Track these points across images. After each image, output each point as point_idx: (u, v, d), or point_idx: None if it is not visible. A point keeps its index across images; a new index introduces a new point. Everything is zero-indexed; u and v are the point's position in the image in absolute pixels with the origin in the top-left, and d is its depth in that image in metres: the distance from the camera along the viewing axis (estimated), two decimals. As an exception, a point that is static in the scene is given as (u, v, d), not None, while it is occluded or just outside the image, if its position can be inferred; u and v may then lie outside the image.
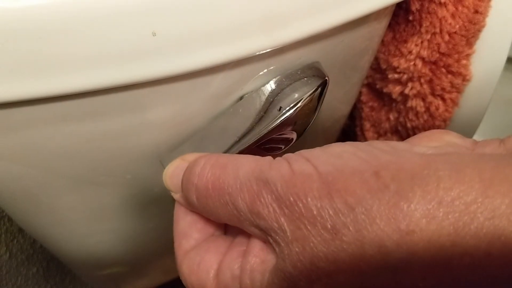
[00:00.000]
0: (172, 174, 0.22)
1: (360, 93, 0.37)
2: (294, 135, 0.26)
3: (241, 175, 0.19)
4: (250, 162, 0.19)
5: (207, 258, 0.21)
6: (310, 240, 0.17)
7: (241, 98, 0.25)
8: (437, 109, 0.31)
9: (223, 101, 0.24)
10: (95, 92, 0.20)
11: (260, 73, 0.24)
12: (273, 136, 0.25)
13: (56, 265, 0.45)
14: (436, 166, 0.16)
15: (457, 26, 0.28)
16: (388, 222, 0.15)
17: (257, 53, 0.21)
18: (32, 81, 0.18)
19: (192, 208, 0.22)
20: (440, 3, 0.28)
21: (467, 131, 0.34)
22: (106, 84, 0.20)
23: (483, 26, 0.29)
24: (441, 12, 0.28)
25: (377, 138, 0.37)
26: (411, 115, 0.33)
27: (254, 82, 0.24)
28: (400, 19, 0.30)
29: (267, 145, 0.26)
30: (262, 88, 0.24)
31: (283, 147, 0.27)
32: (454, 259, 0.15)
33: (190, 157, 0.22)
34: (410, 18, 0.29)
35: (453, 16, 0.28)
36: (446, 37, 0.28)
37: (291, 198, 0.17)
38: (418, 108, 0.32)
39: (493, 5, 0.28)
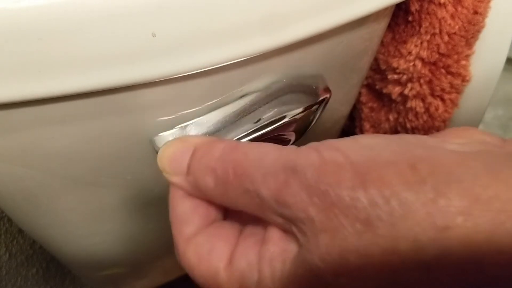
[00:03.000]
0: (173, 156, 0.21)
1: (360, 93, 0.37)
2: (293, 137, 0.26)
3: (265, 162, 0.18)
4: (274, 150, 0.19)
5: (218, 245, 0.20)
6: (340, 232, 0.16)
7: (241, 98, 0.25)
8: (436, 109, 0.31)
9: (221, 102, 0.24)
10: (95, 93, 0.20)
11: (259, 75, 0.24)
12: (270, 135, 0.25)
13: (55, 266, 0.45)
14: (471, 163, 0.16)
15: (457, 27, 0.28)
16: (424, 217, 0.15)
17: (257, 54, 0.21)
18: (31, 82, 0.18)
19: (201, 193, 0.21)
20: (439, 4, 0.28)
21: (467, 131, 0.34)
22: (106, 85, 0.20)
23: (482, 27, 0.29)
24: (441, 12, 0.28)
25: (377, 139, 0.37)
26: (410, 116, 0.33)
27: (253, 84, 0.24)
28: (399, 19, 0.30)
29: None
30: (249, 95, 0.24)
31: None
32: (488, 258, 0.15)
33: (194, 139, 0.21)
34: (410, 18, 0.29)
35: (452, 17, 0.28)
36: (446, 38, 0.28)
37: (322, 187, 0.16)
38: (418, 109, 0.32)
39: (492, 6, 0.28)
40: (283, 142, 0.26)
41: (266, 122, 0.23)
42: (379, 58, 0.32)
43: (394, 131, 0.35)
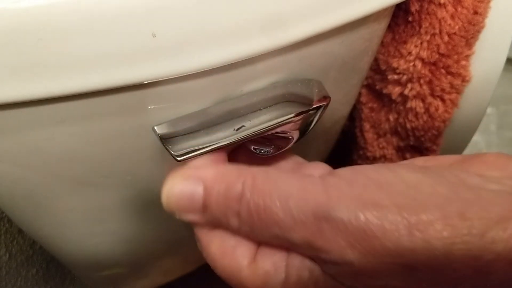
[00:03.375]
0: (181, 195, 0.20)
1: (360, 94, 0.37)
2: (296, 135, 0.26)
3: (292, 207, 0.17)
4: (299, 191, 0.18)
5: (243, 242, 0.20)
6: (384, 274, 0.16)
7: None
8: (436, 110, 0.31)
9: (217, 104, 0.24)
10: (94, 93, 0.20)
11: (259, 76, 0.24)
12: (273, 133, 0.25)
13: (55, 266, 0.45)
14: None
15: (457, 27, 0.28)
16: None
17: (257, 54, 0.21)
18: (32, 82, 0.18)
19: (223, 227, 0.20)
20: (439, 4, 0.28)
21: (467, 132, 0.34)
22: (106, 85, 0.20)
23: (482, 27, 0.29)
24: (441, 13, 0.28)
25: (377, 139, 0.37)
26: (410, 116, 0.33)
27: (253, 85, 0.24)
28: (399, 20, 0.30)
29: (261, 143, 0.26)
30: (240, 97, 0.24)
31: (282, 145, 0.27)
32: None
33: (199, 173, 0.20)
34: (410, 19, 0.29)
35: (452, 17, 0.28)
36: (446, 38, 0.28)
37: (364, 235, 0.16)
38: (418, 109, 0.32)
39: (492, 6, 0.28)
40: (286, 139, 0.26)
41: (255, 129, 0.23)
42: (379, 58, 0.32)
43: (394, 131, 0.35)
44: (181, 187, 0.20)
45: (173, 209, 0.21)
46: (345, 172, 0.19)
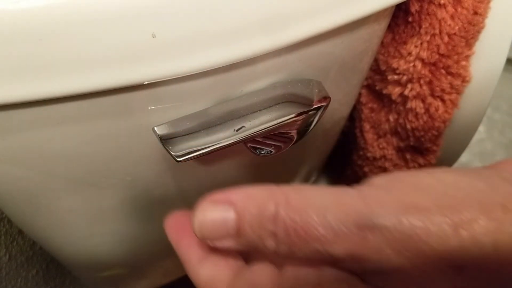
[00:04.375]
0: (214, 223, 0.19)
1: (360, 94, 0.37)
2: (295, 135, 0.26)
3: (332, 220, 0.17)
4: (336, 203, 0.17)
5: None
6: (432, 277, 0.16)
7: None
8: (436, 110, 0.31)
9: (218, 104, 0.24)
10: (95, 94, 0.20)
11: (259, 76, 0.24)
12: (273, 133, 0.25)
13: (55, 267, 0.45)
14: None
15: (457, 28, 0.28)
16: None
17: (257, 55, 0.21)
18: (32, 82, 0.18)
19: (257, 251, 0.20)
20: (439, 4, 0.28)
21: (467, 132, 0.34)
22: (106, 86, 0.20)
23: (482, 28, 0.29)
24: (441, 13, 0.28)
25: (377, 140, 0.37)
26: (410, 117, 0.33)
27: (253, 86, 0.24)
28: (399, 20, 0.30)
29: (261, 143, 0.26)
30: (239, 98, 0.24)
31: (282, 145, 0.27)
32: None
33: (230, 197, 0.19)
34: (410, 19, 0.29)
35: (452, 17, 0.28)
36: (446, 39, 0.28)
37: (410, 240, 0.16)
38: (418, 110, 0.32)
39: (492, 6, 0.28)
40: (286, 140, 0.26)
41: (255, 129, 0.24)
42: (379, 58, 0.32)
43: (394, 131, 0.35)
44: (213, 215, 0.19)
45: (208, 238, 0.20)
46: (380, 179, 0.18)
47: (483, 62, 0.30)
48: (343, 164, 0.47)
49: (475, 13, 0.28)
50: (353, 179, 0.46)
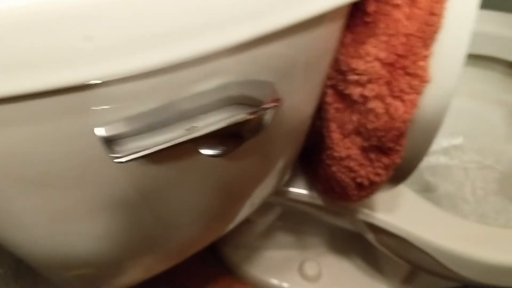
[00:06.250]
0: None
1: (326, 94, 0.37)
2: (247, 135, 0.26)
3: None
4: None
5: None
6: None
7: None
8: (396, 110, 0.31)
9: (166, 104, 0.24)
10: (37, 95, 0.20)
11: (207, 77, 0.24)
12: (222, 134, 0.25)
13: (26, 266, 0.45)
14: None
15: (413, 28, 0.28)
16: None
17: (196, 57, 0.21)
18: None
19: None
20: (395, 5, 0.28)
21: (428, 132, 0.34)
22: (45, 87, 0.20)
23: (439, 28, 0.29)
24: (396, 14, 0.28)
25: (343, 139, 0.37)
26: (371, 117, 0.33)
27: (201, 87, 0.24)
28: (358, 20, 0.30)
29: (211, 144, 0.26)
30: (191, 100, 0.24)
31: (231, 146, 0.27)
32: None
33: None
34: (367, 20, 0.29)
35: (408, 18, 0.28)
36: (402, 39, 0.28)
37: None
38: (378, 110, 0.32)
39: (449, 7, 0.28)
40: (236, 140, 0.26)
41: (203, 131, 0.24)
42: (340, 59, 0.32)
43: (358, 131, 0.35)
44: None
45: None
46: None
47: (442, 62, 0.30)
48: (316, 163, 0.47)
49: (431, 13, 0.28)
50: (324, 179, 0.46)
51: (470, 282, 0.64)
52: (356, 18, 0.30)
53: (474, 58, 0.70)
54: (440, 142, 0.74)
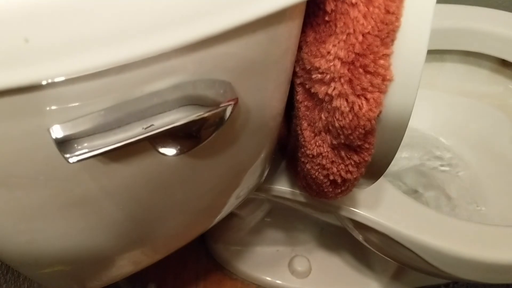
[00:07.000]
0: None
1: (297, 92, 0.37)
2: (204, 134, 0.27)
3: None
4: None
5: None
6: None
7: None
8: (360, 108, 0.32)
9: (121, 102, 0.24)
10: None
11: (160, 77, 0.24)
12: (178, 134, 0.25)
13: (7, 264, 0.46)
14: None
15: (370, 27, 0.28)
16: None
17: (138, 59, 0.21)
18: None
19: None
20: (351, 3, 0.28)
21: (397, 130, 0.35)
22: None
23: (397, 26, 0.29)
24: (353, 12, 0.28)
25: (314, 137, 0.38)
26: (337, 115, 0.33)
27: (154, 87, 0.24)
28: (319, 19, 0.30)
29: (168, 144, 0.26)
30: (147, 99, 0.24)
31: (192, 146, 0.27)
32: None
33: None
34: (327, 18, 0.29)
35: (365, 16, 0.28)
36: (360, 38, 0.28)
37: None
38: (343, 108, 0.32)
39: (406, 5, 0.28)
40: (194, 140, 0.27)
41: (158, 128, 0.24)
42: (304, 57, 0.33)
43: (327, 129, 0.36)
44: None
45: None
46: None
47: (404, 60, 0.31)
48: (296, 161, 0.48)
49: (387, 12, 0.28)
50: (302, 176, 0.46)
51: (457, 279, 0.64)
52: (318, 17, 0.30)
53: (462, 55, 0.69)
54: (429, 138, 0.74)
